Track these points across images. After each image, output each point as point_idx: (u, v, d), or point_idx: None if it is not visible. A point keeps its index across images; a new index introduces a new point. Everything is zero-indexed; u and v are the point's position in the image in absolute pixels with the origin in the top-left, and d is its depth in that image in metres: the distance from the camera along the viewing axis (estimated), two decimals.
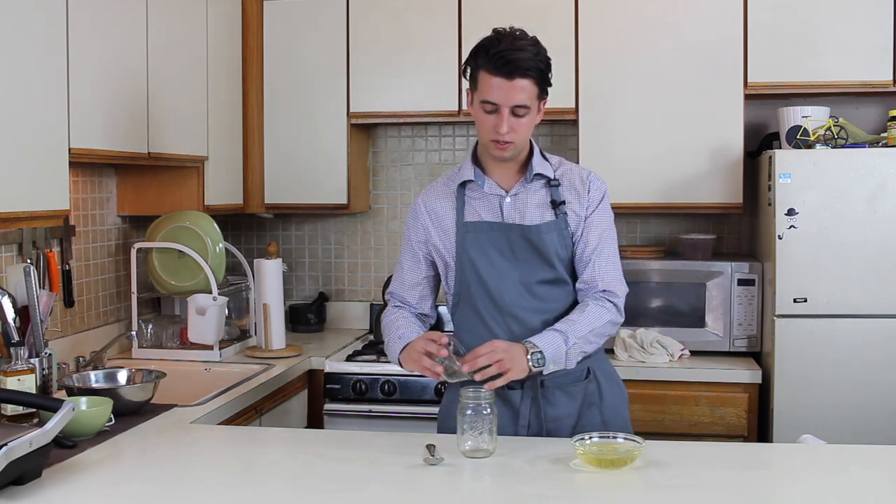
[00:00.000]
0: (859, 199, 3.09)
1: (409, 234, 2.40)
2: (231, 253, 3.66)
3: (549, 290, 2.28)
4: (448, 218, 2.33)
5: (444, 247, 2.33)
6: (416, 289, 2.40)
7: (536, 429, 2.28)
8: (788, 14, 3.42)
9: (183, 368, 3.24)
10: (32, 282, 2.70)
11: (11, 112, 2.34)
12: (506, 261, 2.26)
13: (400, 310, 2.42)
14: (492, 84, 2.15)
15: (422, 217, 2.37)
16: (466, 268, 2.29)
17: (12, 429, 2.01)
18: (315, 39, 3.77)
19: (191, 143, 3.33)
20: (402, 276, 2.42)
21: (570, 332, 2.20)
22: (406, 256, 2.41)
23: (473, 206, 2.32)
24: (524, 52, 2.13)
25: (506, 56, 2.12)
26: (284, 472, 2.03)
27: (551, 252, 2.26)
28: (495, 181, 2.31)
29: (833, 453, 2.22)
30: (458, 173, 2.36)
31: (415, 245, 2.38)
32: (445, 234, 2.33)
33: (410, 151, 4.11)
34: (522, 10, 3.55)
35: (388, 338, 2.35)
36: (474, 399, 2.06)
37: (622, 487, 1.91)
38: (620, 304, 2.31)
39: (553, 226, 2.26)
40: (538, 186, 2.30)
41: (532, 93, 2.17)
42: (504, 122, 2.17)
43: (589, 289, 2.29)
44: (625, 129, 3.55)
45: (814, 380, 3.12)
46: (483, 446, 2.06)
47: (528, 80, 2.15)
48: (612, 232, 2.33)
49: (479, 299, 2.29)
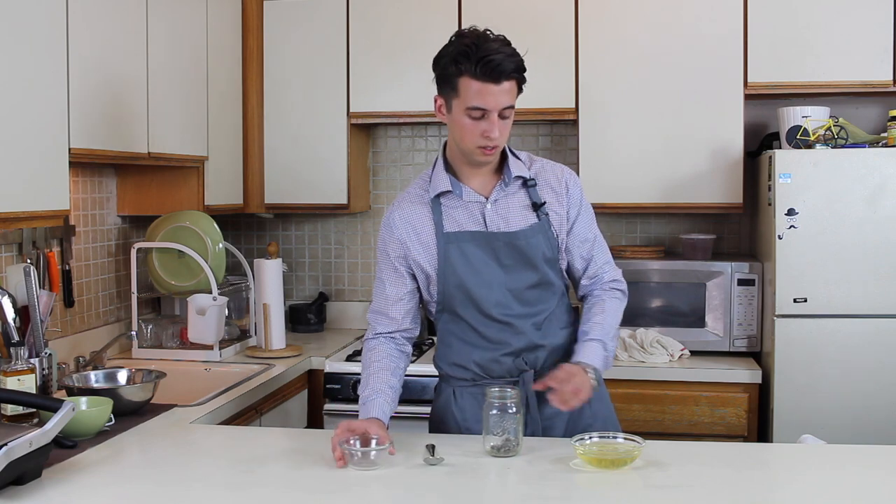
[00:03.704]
0: (859, 199, 3.09)
1: (387, 248, 2.30)
2: (231, 253, 3.66)
3: (537, 293, 2.27)
4: (426, 229, 2.27)
5: (424, 259, 2.27)
6: (400, 303, 2.32)
7: (533, 427, 2.28)
8: (788, 14, 3.42)
9: (183, 368, 3.24)
10: (32, 282, 2.70)
11: (11, 112, 2.34)
12: (492, 269, 2.23)
13: (379, 343, 2.31)
14: (479, 90, 2.10)
15: (397, 231, 2.29)
16: (450, 279, 2.25)
17: (12, 429, 2.01)
18: (315, 39, 3.77)
19: (191, 143, 3.33)
20: (384, 291, 2.32)
21: (605, 338, 2.24)
22: (386, 272, 2.32)
23: (452, 215, 2.26)
24: (503, 52, 2.11)
25: (491, 61, 2.08)
26: (284, 472, 2.03)
27: (538, 256, 2.24)
28: (472, 188, 2.27)
29: (833, 453, 2.21)
30: (429, 182, 2.30)
31: (394, 260, 2.30)
32: (424, 246, 2.27)
33: (410, 151, 4.11)
34: (522, 10, 3.56)
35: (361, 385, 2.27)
36: (500, 398, 2.06)
37: (622, 487, 1.91)
38: (625, 287, 2.37)
39: (538, 228, 2.25)
40: (515, 188, 2.27)
41: (514, 93, 2.16)
42: (495, 126, 2.13)
43: (596, 282, 2.34)
44: (625, 129, 3.55)
45: (814, 380, 3.12)
46: (509, 445, 2.06)
47: (512, 81, 2.13)
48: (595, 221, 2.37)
49: (465, 309, 2.26)
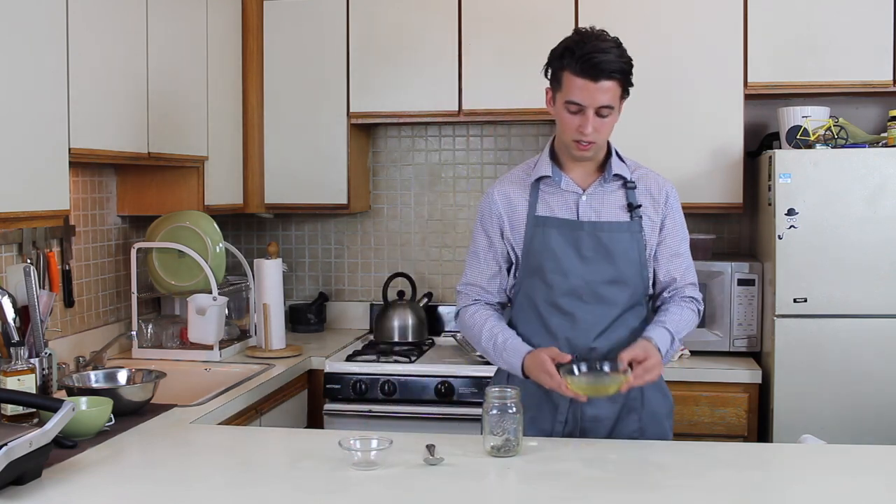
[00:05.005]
0: (859, 199, 3.09)
1: (484, 223, 2.39)
2: (231, 253, 3.66)
3: (612, 291, 2.28)
4: (521, 209, 2.34)
5: (514, 238, 2.34)
6: (496, 279, 2.39)
7: (572, 426, 2.29)
8: (788, 14, 3.42)
9: (183, 368, 3.24)
10: (32, 282, 2.70)
11: (11, 112, 2.34)
12: (571, 259, 2.27)
13: (480, 306, 2.39)
14: (578, 85, 2.17)
15: (496, 206, 2.36)
16: (531, 262, 2.30)
17: (12, 429, 2.01)
18: (315, 39, 3.77)
19: (191, 143, 3.33)
20: (479, 266, 2.40)
21: (675, 332, 2.26)
22: (481, 246, 2.39)
23: (547, 200, 2.32)
24: (609, 53, 2.17)
25: (592, 59, 2.15)
26: (284, 472, 2.03)
27: (620, 253, 2.27)
28: (572, 179, 2.32)
29: (833, 453, 2.22)
30: (533, 167, 2.36)
31: (491, 234, 2.37)
32: (517, 225, 2.34)
33: (410, 151, 4.11)
34: (523, 10, 3.56)
35: (483, 338, 2.32)
36: (500, 398, 2.07)
37: (622, 487, 1.92)
38: (702, 309, 2.39)
39: (626, 227, 2.28)
40: (615, 187, 2.32)
41: (616, 94, 2.20)
42: (589, 122, 2.19)
43: (675, 294, 2.35)
44: (624, 129, 3.53)
45: (814, 380, 3.12)
46: (509, 445, 2.07)
47: (612, 81, 2.18)
48: (688, 242, 2.40)
49: (538, 294, 2.30)
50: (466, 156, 4.06)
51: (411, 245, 4.12)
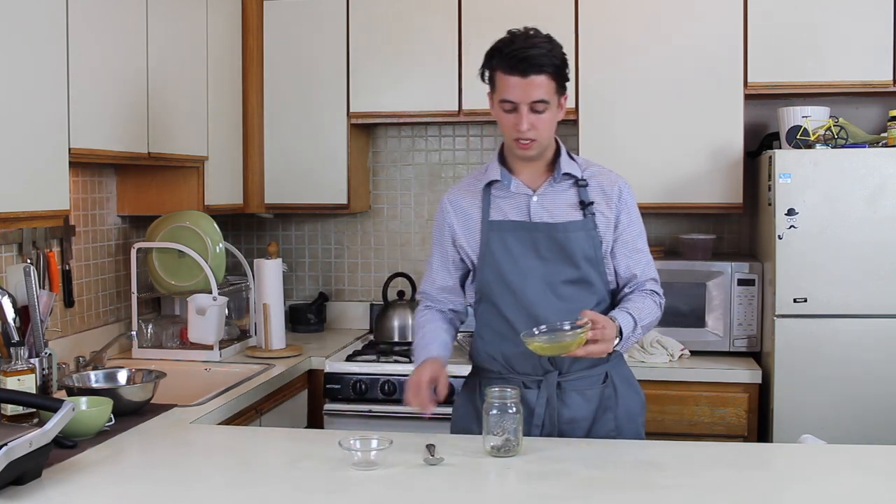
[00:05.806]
0: (859, 199, 3.09)
1: (437, 232, 2.43)
2: (231, 253, 3.66)
3: (573, 290, 2.28)
4: (474, 216, 2.35)
5: (468, 245, 2.35)
6: (446, 289, 2.44)
7: (549, 429, 2.29)
8: (788, 14, 3.41)
9: (183, 368, 3.24)
10: (32, 282, 2.70)
11: (11, 112, 2.34)
12: (530, 260, 2.27)
13: (430, 311, 2.45)
14: (508, 83, 2.18)
15: (448, 215, 2.39)
16: (489, 267, 2.31)
17: (12, 429, 2.00)
18: (315, 39, 3.77)
19: (191, 143, 3.33)
20: (431, 276, 2.45)
21: (638, 319, 2.23)
22: (435, 256, 2.44)
23: (499, 205, 2.33)
24: (537, 48, 2.16)
25: (519, 54, 2.15)
26: (284, 472, 2.03)
27: (577, 251, 2.26)
28: (522, 181, 2.33)
29: (833, 453, 2.22)
30: (484, 173, 2.37)
31: (444, 244, 2.41)
32: (470, 232, 2.35)
33: (410, 151, 4.11)
34: (522, 10, 3.55)
35: (415, 343, 2.42)
36: (500, 398, 2.07)
37: (622, 487, 1.91)
38: (664, 302, 2.37)
39: (580, 225, 2.28)
40: (566, 186, 2.32)
41: (549, 88, 2.19)
42: (523, 119, 2.18)
43: (637, 285, 2.34)
44: (625, 129, 3.56)
45: (814, 380, 3.12)
46: (508, 445, 2.07)
47: (543, 75, 2.17)
48: (645, 237, 2.39)
49: (501, 298, 2.30)
50: (466, 156, 4.06)
51: (411, 245, 4.12)
